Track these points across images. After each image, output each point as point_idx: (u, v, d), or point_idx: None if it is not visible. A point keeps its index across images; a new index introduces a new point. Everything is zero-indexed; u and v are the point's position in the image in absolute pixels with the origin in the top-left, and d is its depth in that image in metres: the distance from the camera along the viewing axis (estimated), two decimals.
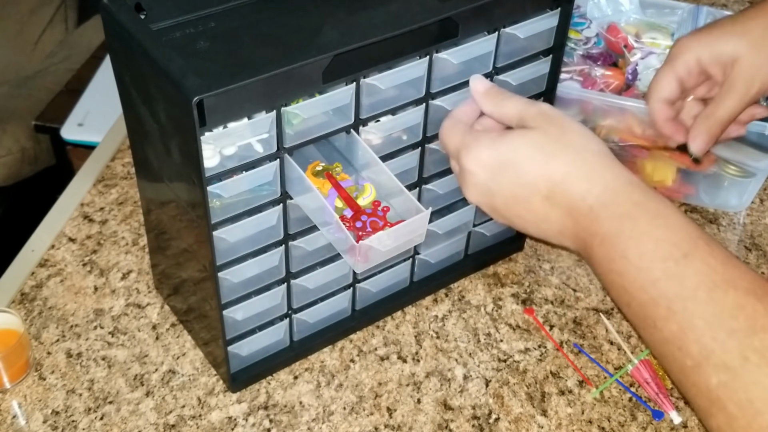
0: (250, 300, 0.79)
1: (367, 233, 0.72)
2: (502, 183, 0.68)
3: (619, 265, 0.62)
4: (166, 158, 0.72)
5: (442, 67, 0.74)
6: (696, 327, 0.57)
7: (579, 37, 1.08)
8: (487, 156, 0.68)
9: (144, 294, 0.93)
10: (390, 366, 0.87)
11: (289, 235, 0.77)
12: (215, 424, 0.81)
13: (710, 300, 0.57)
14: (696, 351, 0.57)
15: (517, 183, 0.67)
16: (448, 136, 0.72)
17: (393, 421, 0.82)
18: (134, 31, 0.66)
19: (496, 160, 0.67)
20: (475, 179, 0.69)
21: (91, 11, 2.15)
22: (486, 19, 0.75)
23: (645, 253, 0.60)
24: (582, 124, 0.69)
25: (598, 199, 0.64)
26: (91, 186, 1.07)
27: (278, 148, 0.69)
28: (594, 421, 0.83)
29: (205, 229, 0.70)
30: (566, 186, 0.65)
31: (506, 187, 0.68)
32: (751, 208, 1.06)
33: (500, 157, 0.67)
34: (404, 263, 0.90)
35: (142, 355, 0.87)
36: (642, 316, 0.61)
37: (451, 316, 0.92)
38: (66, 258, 0.98)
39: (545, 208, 0.66)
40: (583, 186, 0.64)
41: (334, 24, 0.71)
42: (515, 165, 0.67)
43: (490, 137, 0.68)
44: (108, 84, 0.91)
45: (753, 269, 0.66)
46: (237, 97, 0.63)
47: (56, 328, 0.90)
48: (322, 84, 0.68)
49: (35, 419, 0.82)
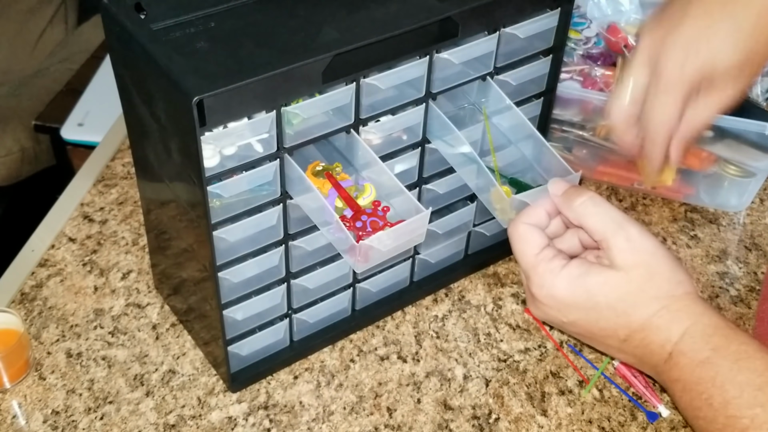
0: (250, 300, 0.79)
1: (367, 233, 0.72)
2: (576, 322, 0.67)
3: (706, 413, 0.61)
4: (166, 158, 0.72)
5: (442, 67, 0.74)
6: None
7: (579, 37, 1.08)
8: (562, 295, 0.66)
9: (144, 294, 0.93)
10: (390, 366, 0.87)
11: (289, 235, 0.77)
12: (215, 424, 0.81)
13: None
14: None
15: (593, 325, 0.66)
16: (521, 247, 0.69)
17: (393, 421, 0.82)
18: (134, 31, 0.66)
19: (572, 300, 0.66)
20: (545, 309, 0.68)
21: (91, 11, 2.15)
22: (486, 19, 0.75)
23: (730, 401, 0.60)
24: (670, 253, 0.66)
25: (676, 346, 0.63)
26: (91, 186, 1.07)
27: (278, 148, 0.69)
28: (594, 421, 0.83)
29: (205, 229, 0.70)
30: (645, 334, 0.64)
31: (580, 325, 0.67)
32: (751, 208, 1.06)
33: (577, 299, 0.65)
34: (404, 263, 0.90)
35: (142, 355, 0.87)
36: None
37: (451, 316, 0.92)
38: (66, 258, 0.98)
39: (621, 346, 0.66)
40: (663, 335, 0.63)
41: (334, 24, 0.71)
42: (594, 311, 0.65)
43: (567, 278, 0.66)
44: (108, 84, 0.91)
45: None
46: (237, 97, 0.63)
47: (56, 328, 0.90)
48: (322, 84, 0.68)
49: (35, 419, 0.82)
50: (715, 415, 0.60)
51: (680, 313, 0.64)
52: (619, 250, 0.65)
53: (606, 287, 0.65)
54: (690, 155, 1.00)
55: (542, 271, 0.67)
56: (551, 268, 0.66)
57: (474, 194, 0.89)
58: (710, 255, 1.00)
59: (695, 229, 1.03)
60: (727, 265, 0.99)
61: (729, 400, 0.60)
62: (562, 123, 1.02)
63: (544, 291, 0.66)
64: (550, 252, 0.68)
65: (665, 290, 0.64)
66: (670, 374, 0.64)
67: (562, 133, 1.03)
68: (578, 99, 0.99)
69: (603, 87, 1.04)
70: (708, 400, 0.61)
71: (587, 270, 0.66)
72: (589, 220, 0.67)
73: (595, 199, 0.67)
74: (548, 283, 0.66)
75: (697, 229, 1.03)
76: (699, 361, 0.62)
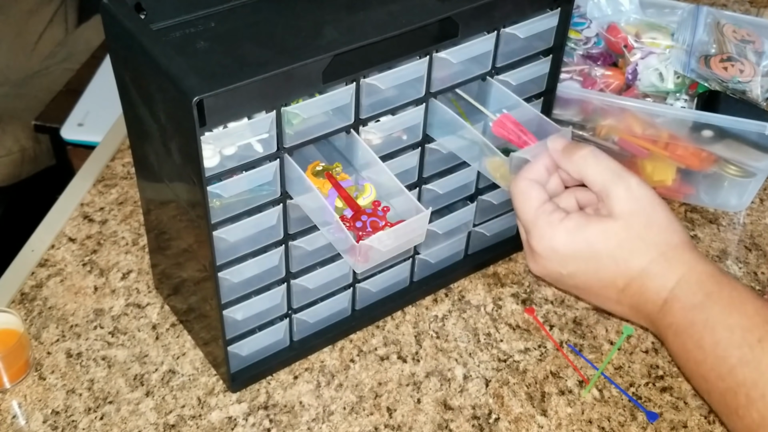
0: (250, 300, 0.79)
1: (367, 233, 0.72)
2: (575, 273, 0.67)
3: (696, 354, 0.62)
4: (166, 158, 0.72)
5: (442, 66, 0.74)
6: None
7: (579, 37, 1.08)
8: (562, 246, 0.66)
9: (144, 294, 0.93)
10: (390, 366, 0.87)
11: (289, 235, 0.77)
12: (215, 424, 0.81)
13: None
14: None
15: (591, 275, 0.67)
16: (522, 202, 0.69)
17: (393, 421, 0.82)
18: (134, 31, 0.66)
19: (571, 251, 0.66)
20: (544, 263, 0.68)
21: (91, 11, 2.15)
22: (486, 19, 0.75)
23: (719, 341, 0.60)
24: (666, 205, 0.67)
25: (671, 292, 0.64)
26: (91, 186, 1.07)
27: (278, 148, 0.69)
28: (594, 421, 0.82)
29: (205, 229, 0.70)
30: (642, 282, 0.65)
31: (579, 277, 0.67)
32: (751, 208, 1.06)
33: (576, 250, 0.66)
34: (404, 263, 0.90)
35: (142, 355, 0.87)
36: (723, 405, 0.61)
37: (451, 316, 0.92)
38: (66, 258, 0.98)
39: (619, 297, 0.67)
40: (659, 282, 0.64)
41: (334, 24, 0.71)
42: (593, 261, 0.66)
43: (567, 230, 0.66)
44: (108, 84, 0.91)
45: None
46: (237, 97, 0.63)
47: (56, 328, 0.90)
48: (322, 84, 0.68)
49: (35, 419, 0.82)
50: (704, 356, 0.61)
51: (676, 260, 0.65)
52: (618, 199, 0.66)
53: (605, 235, 0.65)
54: (690, 155, 1.00)
55: (542, 224, 0.67)
56: (551, 221, 0.67)
57: (474, 194, 0.89)
58: (710, 255, 1.00)
59: (695, 229, 1.03)
60: (727, 265, 0.99)
61: (718, 341, 0.60)
62: (562, 123, 1.02)
63: (544, 243, 0.67)
64: (550, 206, 0.68)
65: (663, 238, 0.65)
66: (664, 320, 0.64)
67: None
68: (578, 99, 0.99)
69: (603, 87, 1.04)
70: (699, 341, 0.61)
71: (586, 221, 0.66)
72: (589, 171, 0.68)
73: (595, 152, 0.68)
74: (548, 235, 0.67)
75: (697, 229, 1.03)
76: (692, 305, 0.62)
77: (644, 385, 0.86)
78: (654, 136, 0.98)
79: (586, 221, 0.66)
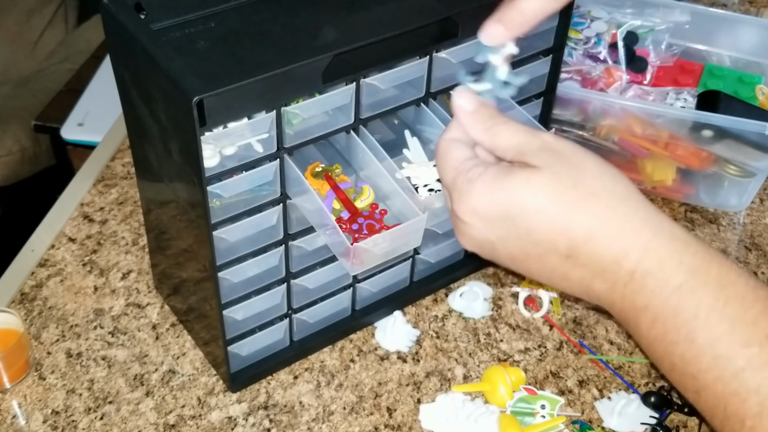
0: (250, 300, 0.79)
1: (363, 236, 0.72)
2: (507, 239, 0.55)
3: (684, 349, 0.51)
4: (166, 158, 0.72)
5: (442, 66, 0.74)
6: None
7: (579, 37, 1.08)
8: (484, 207, 0.55)
9: (144, 294, 0.93)
10: (390, 366, 0.87)
11: (289, 235, 0.77)
12: (215, 424, 0.81)
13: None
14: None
15: (526, 240, 0.55)
16: (442, 164, 0.59)
17: (393, 421, 0.82)
18: (134, 31, 0.66)
19: (494, 212, 0.55)
20: (470, 231, 0.57)
21: (91, 11, 2.15)
22: (486, 19, 0.75)
23: (719, 337, 0.50)
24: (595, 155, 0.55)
25: (639, 264, 0.52)
26: (91, 186, 1.07)
27: (278, 148, 0.70)
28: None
29: (205, 229, 0.70)
30: (593, 246, 0.52)
31: (512, 243, 0.55)
32: (751, 208, 1.06)
33: (500, 209, 0.55)
34: (404, 263, 0.90)
35: (142, 355, 0.87)
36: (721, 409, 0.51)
37: (451, 316, 0.92)
38: (66, 258, 0.98)
39: (565, 267, 0.54)
40: (615, 247, 0.52)
41: (334, 24, 0.71)
42: (522, 219, 0.54)
43: (485, 182, 0.55)
44: (108, 84, 0.91)
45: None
46: (237, 97, 0.63)
47: (56, 328, 0.90)
48: (322, 84, 0.68)
49: (35, 419, 0.82)
50: (697, 353, 0.51)
51: (631, 218, 0.52)
52: (536, 151, 0.55)
53: (529, 185, 0.53)
54: (690, 155, 1.00)
55: (461, 183, 0.56)
56: (469, 177, 0.56)
57: None
58: None
59: (695, 229, 1.03)
60: None
61: (718, 336, 0.50)
62: (562, 123, 1.02)
63: (464, 206, 0.56)
64: (470, 162, 0.57)
65: (601, 187, 0.53)
66: (635, 301, 0.52)
67: (562, 133, 1.03)
68: (578, 99, 0.99)
69: (603, 87, 1.04)
70: (689, 335, 0.51)
71: (507, 170, 0.55)
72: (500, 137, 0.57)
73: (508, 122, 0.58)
74: (466, 193, 0.56)
75: (697, 229, 1.03)
76: (674, 286, 0.51)
77: (644, 385, 0.86)
78: (654, 136, 0.98)
79: (507, 170, 0.55)
